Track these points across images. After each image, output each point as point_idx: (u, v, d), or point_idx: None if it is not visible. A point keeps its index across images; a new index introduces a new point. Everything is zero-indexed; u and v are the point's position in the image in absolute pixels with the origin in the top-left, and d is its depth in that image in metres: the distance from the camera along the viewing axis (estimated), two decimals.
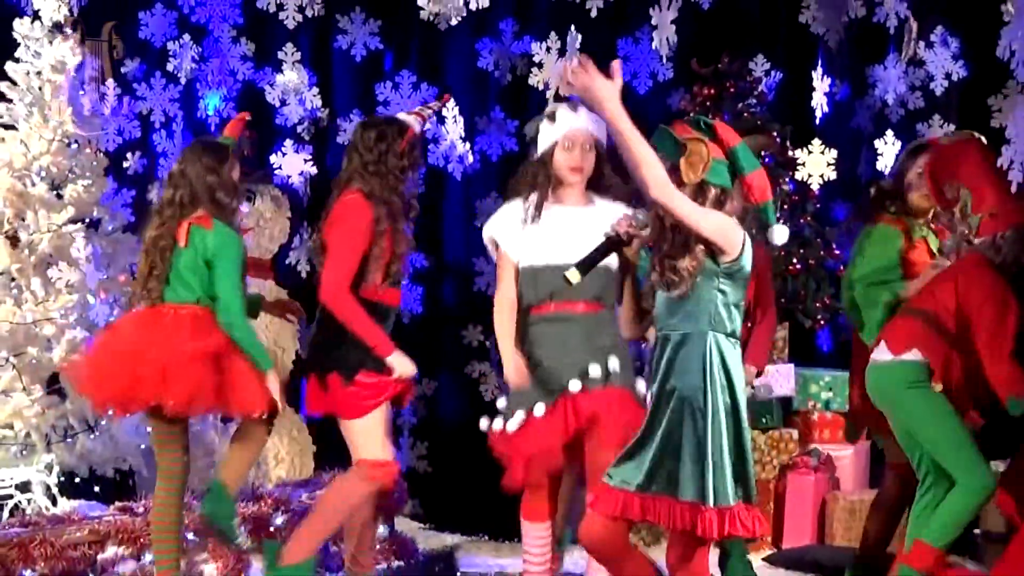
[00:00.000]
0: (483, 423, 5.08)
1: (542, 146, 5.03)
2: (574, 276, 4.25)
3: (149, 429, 5.50)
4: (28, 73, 6.61)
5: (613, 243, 4.30)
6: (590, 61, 3.95)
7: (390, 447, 5.30)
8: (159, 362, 5.07)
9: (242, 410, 5.24)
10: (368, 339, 5.12)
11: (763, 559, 6.52)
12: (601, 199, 5.08)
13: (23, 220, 6.50)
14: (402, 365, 5.18)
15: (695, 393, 4.10)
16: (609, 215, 4.69)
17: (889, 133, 7.45)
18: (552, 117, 4.99)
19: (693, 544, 4.18)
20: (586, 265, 4.28)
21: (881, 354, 5.18)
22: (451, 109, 7.92)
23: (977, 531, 6.21)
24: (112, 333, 5.46)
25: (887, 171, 7.09)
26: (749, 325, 5.49)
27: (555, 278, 4.56)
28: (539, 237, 4.97)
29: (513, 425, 4.95)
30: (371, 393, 5.19)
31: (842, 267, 6.78)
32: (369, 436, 5.20)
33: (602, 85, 3.94)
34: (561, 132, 5.02)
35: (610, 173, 5.16)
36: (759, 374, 5.75)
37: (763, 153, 5.84)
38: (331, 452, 6.30)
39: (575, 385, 4.88)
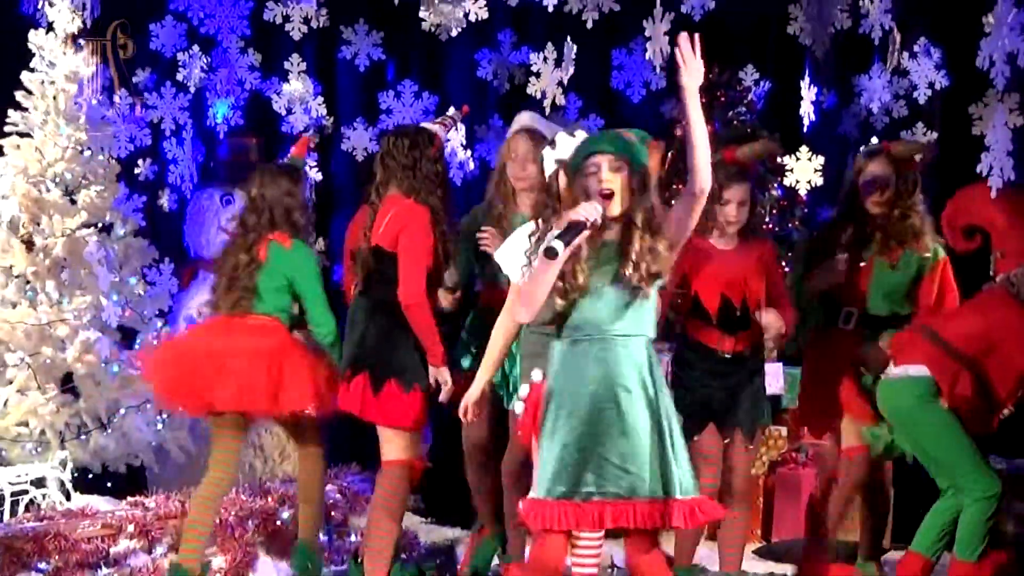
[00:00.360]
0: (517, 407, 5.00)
1: (547, 172, 5.10)
2: (560, 247, 4.08)
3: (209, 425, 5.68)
4: (43, 83, 6.63)
5: (581, 226, 4.14)
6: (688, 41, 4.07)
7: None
8: (215, 360, 5.34)
9: (291, 405, 5.44)
10: (432, 348, 5.28)
11: (753, 551, 6.61)
12: None
13: (38, 224, 6.56)
14: (447, 378, 5.34)
15: (650, 393, 4.15)
16: None
17: (874, 140, 7.52)
18: (552, 144, 5.06)
19: (652, 541, 4.27)
20: (566, 243, 4.12)
21: (892, 370, 5.42)
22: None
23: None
24: (184, 339, 5.74)
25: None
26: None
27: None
28: None
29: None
30: (423, 404, 5.38)
31: None
32: (411, 442, 5.40)
33: (697, 67, 4.12)
34: (564, 157, 5.12)
35: None
36: None
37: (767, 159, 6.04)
38: (335, 448, 6.38)
39: None
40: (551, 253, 4.05)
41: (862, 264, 5.62)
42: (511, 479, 5.53)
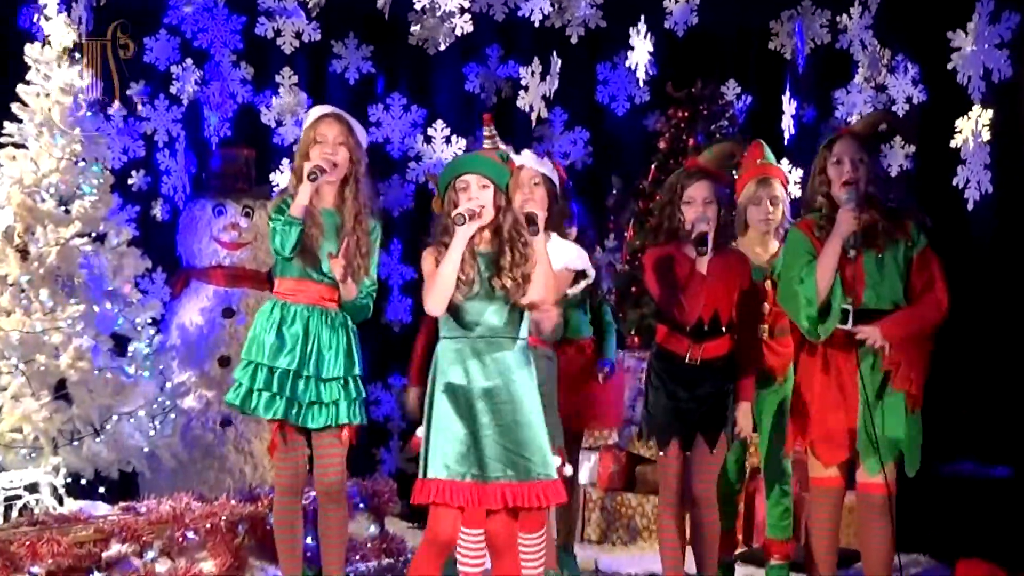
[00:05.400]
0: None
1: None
2: (465, 215, 4.54)
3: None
4: (38, 95, 6.60)
5: (471, 214, 4.56)
6: None
7: None
8: None
9: None
10: None
11: (735, 555, 6.57)
12: (559, 239, 5.23)
13: (33, 234, 6.48)
14: None
15: (524, 387, 4.60)
16: (562, 252, 5.04)
17: None
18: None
19: (514, 524, 4.67)
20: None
21: None
22: (439, 130, 8.00)
23: None
24: None
25: None
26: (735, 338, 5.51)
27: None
28: None
29: None
30: None
31: None
32: None
33: None
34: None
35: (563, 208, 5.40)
36: None
37: (733, 160, 5.88)
38: None
39: None
40: (460, 219, 4.50)
41: (851, 254, 5.16)
42: None
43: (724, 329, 5.44)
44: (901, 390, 5.20)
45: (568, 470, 5.35)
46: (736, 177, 6.08)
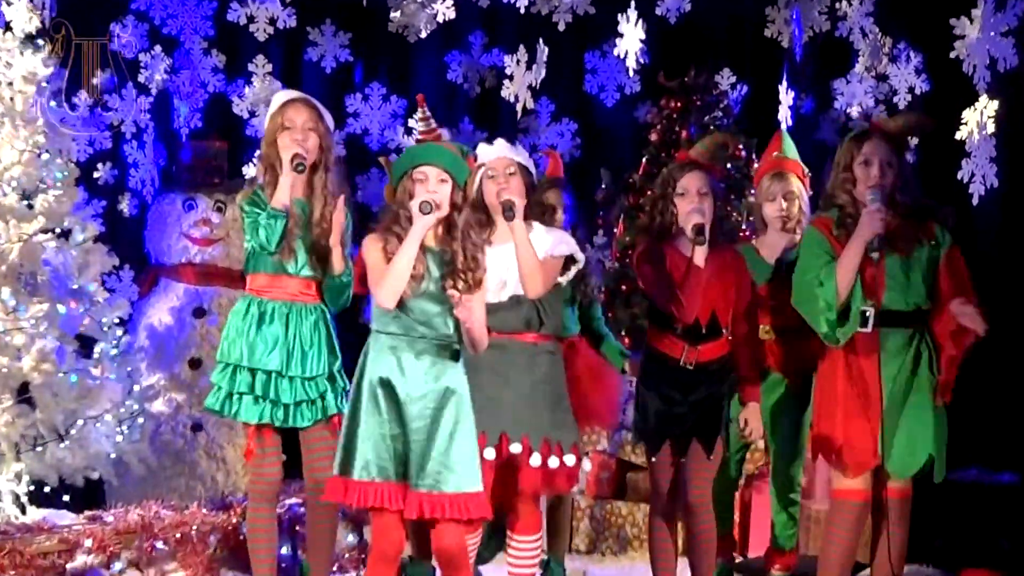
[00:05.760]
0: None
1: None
2: (431, 202, 4.52)
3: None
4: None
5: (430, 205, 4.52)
6: None
7: None
8: None
9: None
10: None
11: (734, 562, 6.59)
12: (541, 227, 5.24)
13: None
14: None
15: (459, 398, 4.58)
16: (542, 241, 5.01)
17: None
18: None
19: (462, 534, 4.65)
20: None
21: None
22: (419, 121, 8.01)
23: None
24: None
25: None
26: (729, 338, 5.53)
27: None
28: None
29: None
30: None
31: None
32: None
33: None
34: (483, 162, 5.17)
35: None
36: None
37: (727, 152, 5.90)
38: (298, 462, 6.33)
39: None
40: (426, 207, 4.45)
41: (874, 256, 5.12)
42: None
43: (722, 331, 5.46)
44: (943, 401, 5.25)
45: (587, 465, 5.35)
46: (729, 170, 6.11)
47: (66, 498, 6.66)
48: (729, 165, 6.34)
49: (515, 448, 5.04)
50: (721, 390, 5.47)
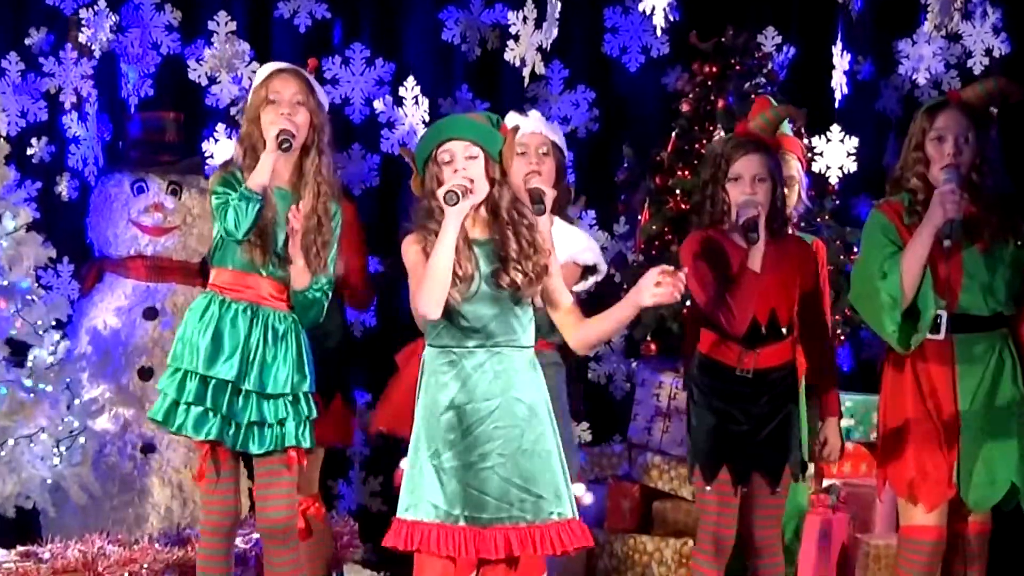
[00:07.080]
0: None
1: None
2: (458, 191, 4.44)
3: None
4: None
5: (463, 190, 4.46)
6: None
7: None
8: None
9: None
10: None
11: None
12: (564, 224, 5.22)
13: None
14: None
15: (544, 405, 4.55)
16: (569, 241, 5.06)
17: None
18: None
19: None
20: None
21: None
22: (410, 89, 7.98)
23: None
24: None
25: None
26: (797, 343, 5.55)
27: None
28: None
29: None
30: None
31: None
32: None
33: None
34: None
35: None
36: None
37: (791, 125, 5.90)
38: None
39: None
40: (451, 198, 4.36)
41: (946, 244, 5.07)
42: None
43: (784, 332, 5.44)
44: None
45: (588, 498, 5.32)
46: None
47: None
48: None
49: None
50: (787, 406, 5.42)
